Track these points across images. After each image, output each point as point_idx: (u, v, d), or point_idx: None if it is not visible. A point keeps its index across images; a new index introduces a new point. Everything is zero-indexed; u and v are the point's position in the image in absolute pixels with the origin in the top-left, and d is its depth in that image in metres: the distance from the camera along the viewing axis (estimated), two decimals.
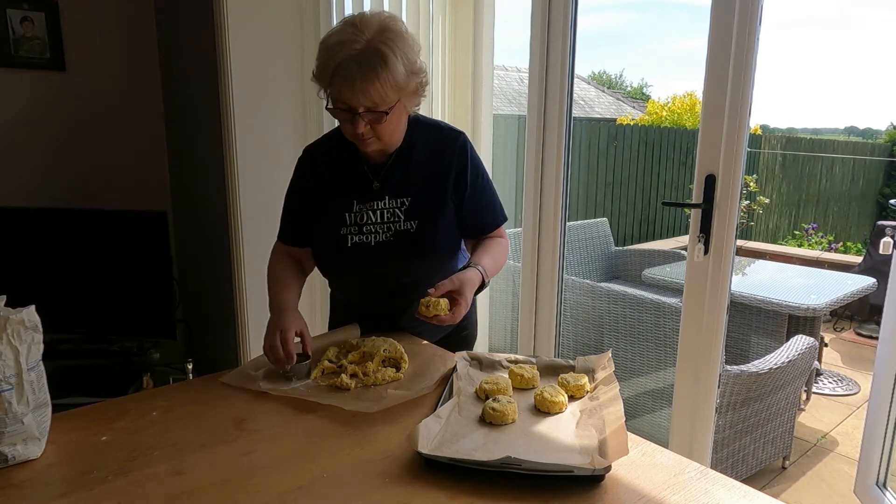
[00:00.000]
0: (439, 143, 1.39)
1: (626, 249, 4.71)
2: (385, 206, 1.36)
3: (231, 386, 1.17)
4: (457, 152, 1.38)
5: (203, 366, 2.24)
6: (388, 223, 1.36)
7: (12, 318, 0.89)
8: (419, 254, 1.36)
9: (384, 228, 1.36)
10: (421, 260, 1.37)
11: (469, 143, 1.41)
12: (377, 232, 1.36)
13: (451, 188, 1.37)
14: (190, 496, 0.83)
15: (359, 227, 1.36)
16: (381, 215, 1.36)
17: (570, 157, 2.19)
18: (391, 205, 1.36)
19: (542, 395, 1.06)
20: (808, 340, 2.54)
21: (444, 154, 1.38)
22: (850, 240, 8.10)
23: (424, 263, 1.38)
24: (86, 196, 2.48)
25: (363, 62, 1.17)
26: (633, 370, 2.70)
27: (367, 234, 1.36)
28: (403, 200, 1.36)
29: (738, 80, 1.65)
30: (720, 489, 0.85)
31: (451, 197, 1.38)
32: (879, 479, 2.11)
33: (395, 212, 1.36)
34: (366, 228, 1.36)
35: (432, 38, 2.39)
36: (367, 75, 1.17)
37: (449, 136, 1.41)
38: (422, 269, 1.38)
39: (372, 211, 1.36)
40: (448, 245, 1.41)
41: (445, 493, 0.83)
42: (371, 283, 1.42)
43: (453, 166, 1.37)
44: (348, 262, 1.38)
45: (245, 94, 2.21)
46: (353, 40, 1.19)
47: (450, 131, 1.42)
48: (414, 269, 1.38)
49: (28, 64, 2.36)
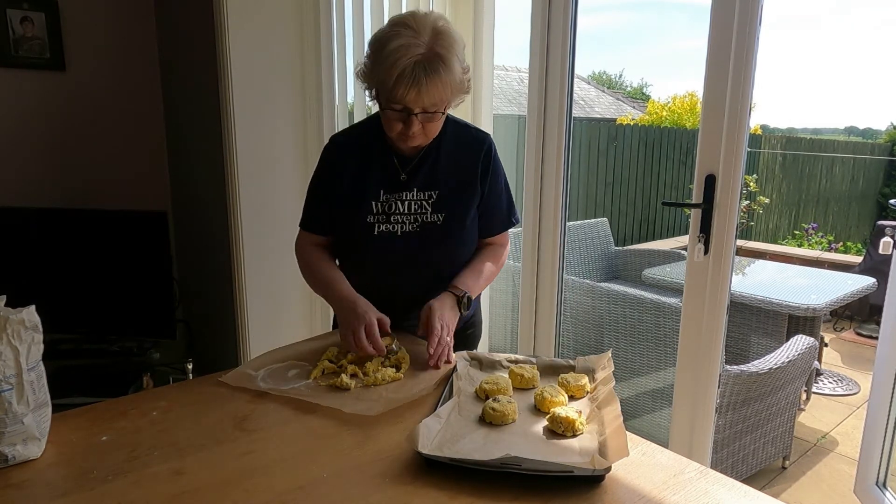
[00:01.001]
0: (468, 142, 1.43)
1: (626, 249, 4.71)
2: (413, 197, 1.39)
3: (231, 386, 1.17)
4: (484, 152, 1.42)
5: (203, 366, 2.24)
6: (415, 214, 1.39)
7: (12, 318, 0.89)
8: (444, 245, 1.40)
9: (411, 220, 1.39)
10: (445, 252, 1.41)
11: (494, 146, 1.46)
12: (404, 222, 1.38)
13: (474, 186, 1.42)
14: (190, 496, 0.83)
15: (386, 216, 1.38)
16: (408, 206, 1.39)
17: (570, 157, 2.19)
18: (419, 197, 1.39)
19: (542, 395, 1.06)
20: (808, 340, 2.54)
21: (473, 152, 1.42)
22: (850, 240, 8.11)
23: (448, 255, 1.42)
24: (86, 196, 2.48)
25: (428, 67, 1.20)
26: (633, 370, 2.70)
27: (394, 223, 1.38)
28: (431, 193, 1.39)
29: (738, 80, 1.65)
30: (720, 489, 0.85)
31: (477, 196, 1.42)
32: (879, 479, 2.11)
33: (422, 203, 1.39)
34: (393, 218, 1.38)
35: None
36: (433, 80, 1.21)
37: (477, 135, 1.46)
38: (445, 261, 1.42)
39: (400, 201, 1.39)
40: (472, 240, 1.45)
41: (445, 493, 0.83)
42: (394, 272, 1.43)
43: (479, 165, 1.41)
44: (374, 250, 1.40)
45: (245, 94, 2.21)
46: (413, 44, 1.21)
47: (477, 131, 1.48)
48: (437, 261, 1.41)
49: (28, 64, 2.36)
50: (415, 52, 1.20)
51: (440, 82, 1.22)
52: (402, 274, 1.42)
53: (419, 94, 1.22)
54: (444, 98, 1.25)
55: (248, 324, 2.31)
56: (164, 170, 2.72)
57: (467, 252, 1.46)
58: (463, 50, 1.29)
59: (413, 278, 1.43)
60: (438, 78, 1.21)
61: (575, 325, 2.96)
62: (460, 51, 1.27)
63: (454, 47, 1.25)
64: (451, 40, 1.24)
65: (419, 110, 1.25)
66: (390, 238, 1.38)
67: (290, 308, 2.41)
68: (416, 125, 1.26)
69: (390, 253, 1.39)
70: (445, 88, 1.23)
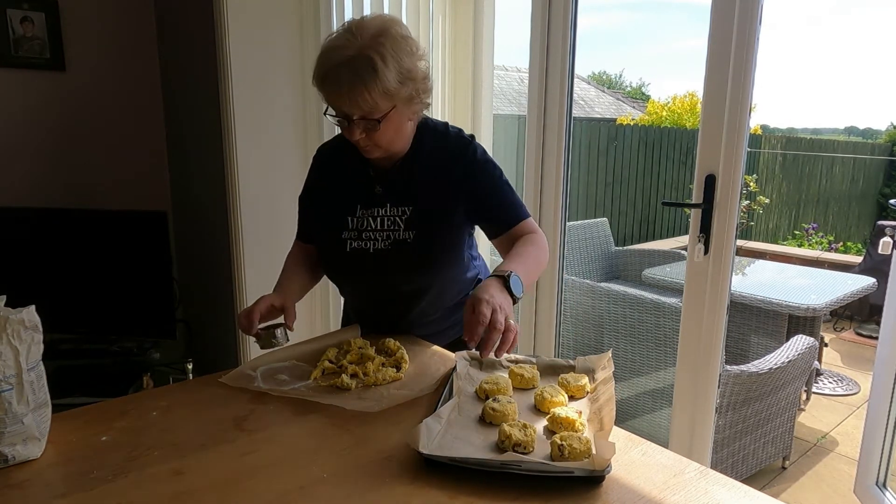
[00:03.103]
0: (445, 152, 1.34)
1: (626, 249, 4.71)
2: (386, 213, 1.33)
3: (231, 386, 1.17)
4: (466, 160, 1.33)
5: (203, 366, 2.24)
6: (387, 231, 1.33)
7: (12, 318, 0.89)
8: (416, 265, 1.33)
9: (384, 236, 1.33)
10: (418, 271, 1.34)
11: (477, 148, 1.36)
12: (376, 239, 1.33)
13: (454, 198, 1.33)
14: (190, 496, 0.83)
15: (358, 232, 1.34)
16: (381, 222, 1.33)
17: (570, 157, 2.19)
18: (392, 212, 1.33)
19: (542, 395, 1.06)
20: (808, 340, 2.54)
21: (450, 163, 1.33)
22: (850, 240, 8.11)
23: (424, 275, 1.35)
24: (86, 196, 2.48)
25: (351, 69, 1.14)
26: (633, 370, 2.71)
27: (365, 240, 1.33)
28: (405, 209, 1.33)
29: (738, 80, 1.65)
30: (720, 489, 0.85)
31: (457, 205, 1.33)
32: (879, 479, 2.11)
33: (395, 220, 1.33)
34: (365, 235, 1.33)
35: (432, 38, 2.39)
36: (354, 82, 1.14)
37: (455, 143, 1.36)
38: (423, 280, 1.36)
39: (373, 217, 1.34)
40: (449, 257, 1.37)
41: (445, 493, 0.83)
42: (371, 289, 1.41)
43: (459, 173, 1.33)
44: (347, 268, 1.38)
45: (245, 95, 2.21)
46: (345, 46, 1.15)
47: (457, 139, 1.37)
48: (413, 279, 1.35)
49: (28, 64, 2.36)
50: (343, 55, 1.14)
51: (363, 86, 1.13)
52: (378, 291, 1.39)
53: (341, 98, 1.16)
54: (373, 104, 1.16)
55: None
56: (164, 170, 2.72)
57: (450, 274, 1.38)
58: (416, 57, 1.21)
59: (390, 296, 1.38)
60: (361, 81, 1.13)
61: (575, 325, 2.96)
62: (406, 57, 1.18)
63: (392, 51, 1.16)
64: (392, 43, 1.16)
65: (357, 116, 1.18)
66: (362, 255, 1.33)
67: None
68: (356, 133, 1.20)
69: (363, 271, 1.35)
70: (372, 93, 1.14)
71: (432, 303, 1.40)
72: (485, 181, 1.34)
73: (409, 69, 1.19)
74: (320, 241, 1.42)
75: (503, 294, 1.12)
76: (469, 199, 1.33)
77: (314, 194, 1.45)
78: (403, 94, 1.20)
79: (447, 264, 1.37)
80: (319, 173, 1.45)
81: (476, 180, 1.33)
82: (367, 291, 1.43)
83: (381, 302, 1.42)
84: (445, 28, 2.41)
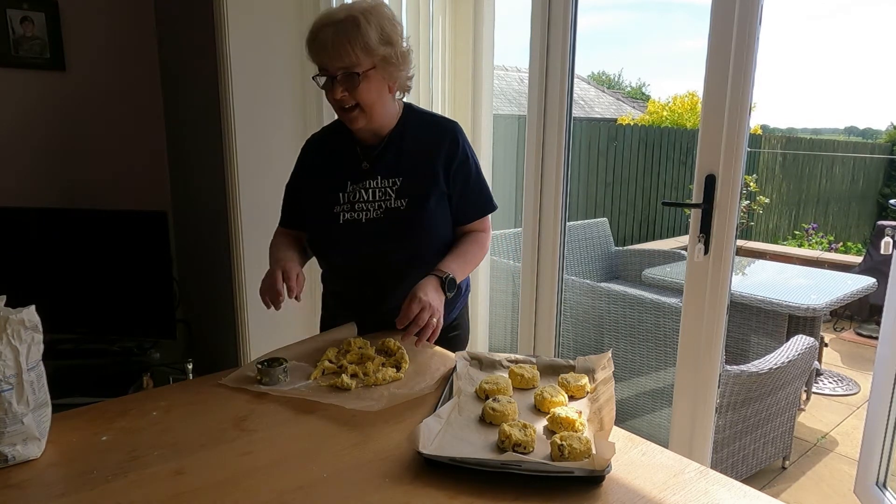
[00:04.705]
0: (432, 131, 1.45)
1: (626, 249, 4.71)
2: (377, 185, 1.41)
3: (231, 386, 1.17)
4: (448, 140, 1.44)
5: (203, 366, 2.24)
6: (379, 201, 1.40)
7: (12, 318, 0.89)
8: (409, 231, 1.40)
9: (375, 206, 1.40)
10: (411, 238, 1.41)
11: (462, 134, 1.47)
12: (368, 210, 1.40)
13: (441, 174, 1.42)
14: (190, 496, 0.83)
15: (351, 204, 1.41)
16: (372, 194, 1.40)
17: (570, 157, 2.19)
18: (383, 184, 1.41)
19: (542, 395, 1.06)
20: (808, 340, 2.54)
21: (437, 141, 1.43)
22: (850, 240, 8.11)
23: (414, 241, 1.42)
24: (86, 196, 2.48)
25: (338, 27, 1.28)
26: (633, 370, 2.70)
27: (358, 211, 1.40)
28: (395, 180, 1.41)
29: (738, 80, 1.65)
30: (720, 489, 0.85)
31: (442, 182, 1.43)
32: (879, 479, 2.11)
33: (386, 190, 1.40)
34: (357, 206, 1.40)
35: (432, 38, 2.39)
36: (338, 36, 1.27)
37: (442, 123, 1.48)
38: (412, 247, 1.42)
39: (364, 190, 1.41)
40: (439, 225, 1.44)
41: (445, 493, 0.83)
42: (363, 258, 1.44)
43: (444, 154, 1.43)
44: (340, 239, 1.42)
45: (245, 94, 2.21)
46: (337, 12, 1.31)
47: (444, 120, 1.50)
48: (404, 247, 1.41)
49: (28, 64, 2.36)
50: (333, 18, 1.30)
51: (347, 40, 1.27)
52: (369, 262, 1.43)
53: (327, 51, 1.28)
54: (355, 58, 1.28)
55: (248, 324, 2.31)
56: (164, 170, 2.72)
57: (436, 237, 1.45)
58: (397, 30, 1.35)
59: (381, 266, 1.43)
60: (346, 35, 1.27)
61: (575, 325, 2.96)
62: (388, 26, 1.32)
63: (376, 17, 1.30)
64: (377, 12, 1.31)
65: (338, 72, 1.29)
66: (355, 225, 1.40)
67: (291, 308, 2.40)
68: (338, 91, 1.31)
69: (356, 240, 1.41)
70: (354, 46, 1.27)
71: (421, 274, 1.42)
72: (468, 168, 1.46)
73: (389, 34, 1.33)
74: (312, 219, 1.47)
75: (437, 293, 1.30)
76: (453, 181, 1.44)
77: (304, 179, 1.51)
78: (382, 53, 1.32)
79: (437, 230, 1.44)
80: (309, 159, 1.53)
81: (461, 164, 1.44)
82: (358, 263, 1.45)
83: (371, 275, 1.44)
84: (445, 28, 2.41)
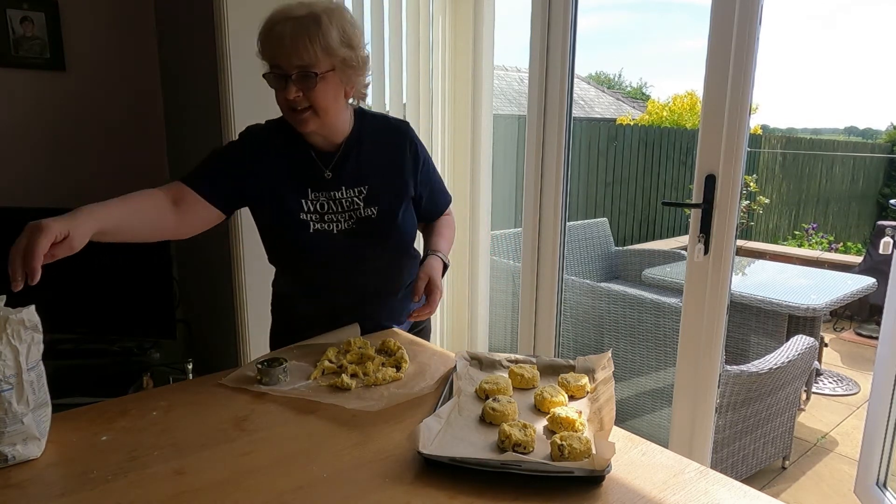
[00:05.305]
0: (389, 136, 1.43)
1: (626, 249, 4.71)
2: (343, 195, 1.37)
3: (231, 386, 1.17)
4: (409, 140, 1.43)
5: (203, 366, 2.24)
6: (348, 211, 1.37)
7: (12, 318, 0.89)
8: (382, 240, 1.39)
9: (346, 217, 1.37)
10: (384, 246, 1.40)
11: (414, 133, 1.47)
12: (339, 221, 1.37)
13: (410, 181, 1.42)
14: (190, 496, 0.83)
15: (319, 215, 1.36)
16: (340, 204, 1.37)
17: (570, 157, 2.19)
18: (349, 194, 1.38)
19: (542, 395, 1.06)
20: (808, 340, 2.54)
21: (397, 146, 1.42)
22: (850, 240, 8.11)
23: (388, 248, 1.41)
24: (86, 196, 2.46)
25: (298, 23, 1.23)
26: (633, 370, 2.71)
27: (328, 222, 1.36)
28: (361, 189, 1.38)
29: (738, 80, 1.65)
30: (720, 489, 0.85)
31: (411, 188, 1.43)
32: (879, 479, 2.11)
33: (353, 200, 1.38)
34: (327, 217, 1.37)
35: (432, 38, 2.39)
36: (298, 33, 1.22)
37: (397, 125, 1.46)
38: (385, 256, 1.42)
39: (332, 201, 1.37)
40: (409, 230, 1.44)
41: (445, 493, 0.83)
42: (336, 269, 1.40)
43: (408, 154, 1.42)
44: (311, 249, 1.37)
45: (245, 95, 2.21)
46: (296, 8, 1.25)
47: (396, 121, 1.49)
48: (378, 254, 1.40)
49: (28, 64, 2.36)
50: (292, 14, 1.24)
51: (306, 35, 1.21)
52: (342, 271, 1.40)
53: (284, 48, 1.22)
54: (314, 56, 1.23)
55: (248, 324, 2.31)
56: (164, 170, 2.72)
57: (409, 240, 1.45)
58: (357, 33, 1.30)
59: (354, 276, 1.41)
60: (306, 32, 1.21)
61: (575, 325, 2.96)
62: (349, 28, 1.27)
63: (338, 18, 1.26)
64: (339, 13, 1.26)
65: (296, 70, 1.23)
66: (326, 236, 1.36)
67: None
68: (292, 90, 1.25)
69: (328, 251, 1.37)
70: (314, 44, 1.22)
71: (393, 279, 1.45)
72: (430, 167, 1.49)
73: (350, 36, 1.27)
74: (276, 226, 1.39)
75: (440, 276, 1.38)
76: (422, 184, 1.45)
77: (246, 166, 1.35)
78: (342, 56, 1.27)
79: (409, 233, 1.45)
80: (258, 152, 1.38)
81: (424, 165, 1.45)
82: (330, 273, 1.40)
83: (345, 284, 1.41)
84: (445, 28, 2.41)
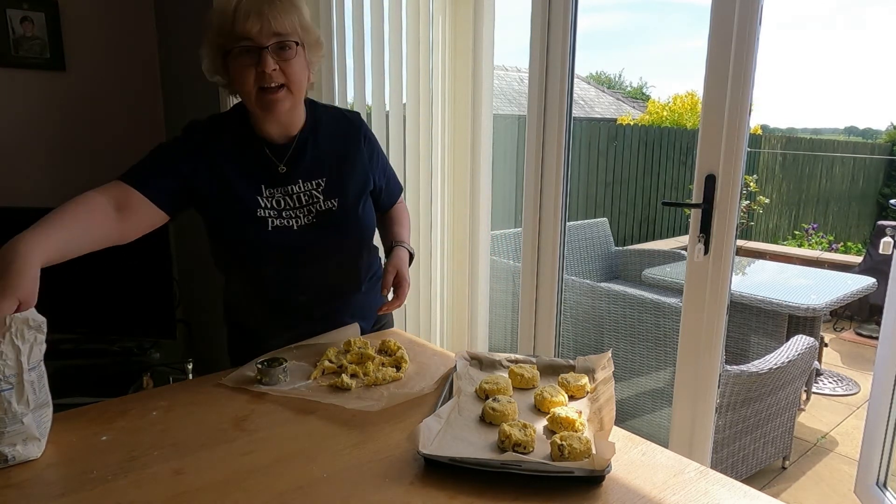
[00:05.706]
0: (343, 127, 1.41)
1: (626, 249, 4.71)
2: (300, 189, 1.32)
3: (231, 386, 1.17)
4: (362, 136, 1.42)
5: (203, 366, 2.24)
6: (307, 206, 1.32)
7: (16, 317, 0.89)
8: (343, 233, 1.35)
9: (305, 212, 1.32)
10: (347, 238, 1.37)
11: (366, 124, 1.46)
12: (298, 217, 1.32)
13: (369, 172, 1.41)
14: (190, 496, 0.83)
15: (277, 211, 1.31)
16: (298, 199, 1.32)
17: (570, 157, 2.19)
18: (307, 187, 1.33)
19: (542, 395, 1.06)
20: (808, 340, 2.54)
21: (352, 137, 1.40)
22: (850, 240, 8.11)
23: (351, 240, 1.38)
24: None
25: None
26: (633, 370, 2.71)
27: (287, 218, 1.31)
28: (319, 181, 1.33)
29: (738, 80, 1.65)
30: (720, 489, 0.85)
31: (370, 179, 1.41)
32: (879, 479, 2.11)
33: (312, 193, 1.33)
34: (285, 213, 1.31)
35: (432, 38, 2.39)
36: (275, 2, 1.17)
37: (349, 117, 1.44)
38: (347, 247, 1.39)
39: (288, 197, 1.31)
40: (370, 222, 1.42)
41: (445, 493, 0.83)
42: (294, 267, 1.35)
43: (363, 145, 1.41)
44: (271, 246, 1.31)
45: None
46: None
47: (349, 113, 1.47)
48: (342, 247, 1.37)
49: (28, 64, 2.36)
50: None
51: (284, 6, 1.17)
52: (303, 268, 1.35)
53: (261, 17, 1.15)
54: (293, 25, 1.19)
55: None
56: None
57: (367, 237, 1.42)
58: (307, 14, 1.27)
59: (316, 272, 1.37)
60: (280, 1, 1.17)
61: (575, 325, 2.96)
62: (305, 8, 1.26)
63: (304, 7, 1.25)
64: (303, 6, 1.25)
65: (270, 42, 1.17)
66: (287, 233, 1.30)
67: None
68: (269, 62, 1.17)
69: (289, 248, 1.32)
70: (290, 14, 1.18)
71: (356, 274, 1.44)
72: (383, 157, 1.50)
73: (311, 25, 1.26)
74: (230, 225, 1.32)
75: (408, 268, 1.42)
76: (379, 175, 1.45)
77: (190, 162, 1.28)
78: (315, 36, 1.27)
79: (370, 225, 1.43)
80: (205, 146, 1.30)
81: (378, 156, 1.46)
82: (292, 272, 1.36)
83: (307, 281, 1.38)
84: (445, 28, 2.40)
